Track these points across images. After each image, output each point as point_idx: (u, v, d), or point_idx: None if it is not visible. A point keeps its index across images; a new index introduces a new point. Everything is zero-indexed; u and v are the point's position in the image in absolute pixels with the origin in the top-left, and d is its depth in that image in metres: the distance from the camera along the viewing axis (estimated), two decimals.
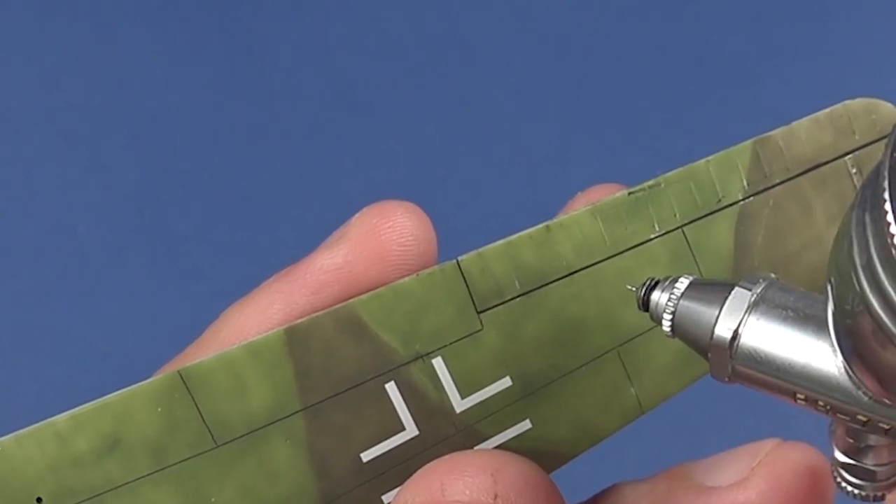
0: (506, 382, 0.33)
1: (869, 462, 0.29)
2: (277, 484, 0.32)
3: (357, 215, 0.33)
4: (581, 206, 0.33)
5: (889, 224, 0.22)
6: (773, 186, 0.34)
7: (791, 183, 0.34)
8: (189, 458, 0.31)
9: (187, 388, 0.31)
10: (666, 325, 0.29)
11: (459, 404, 0.32)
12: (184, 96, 0.95)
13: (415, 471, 0.31)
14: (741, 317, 0.27)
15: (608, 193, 0.33)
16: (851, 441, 0.29)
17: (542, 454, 0.33)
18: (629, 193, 0.33)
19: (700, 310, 0.28)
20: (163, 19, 0.97)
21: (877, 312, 0.23)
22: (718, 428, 0.73)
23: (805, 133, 0.34)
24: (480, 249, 0.32)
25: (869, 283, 0.23)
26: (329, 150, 0.92)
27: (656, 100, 0.94)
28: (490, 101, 0.94)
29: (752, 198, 0.34)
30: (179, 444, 0.31)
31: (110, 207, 0.91)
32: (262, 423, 0.32)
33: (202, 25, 0.97)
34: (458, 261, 0.32)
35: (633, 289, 0.30)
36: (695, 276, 0.29)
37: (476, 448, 0.33)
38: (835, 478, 0.30)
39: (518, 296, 0.32)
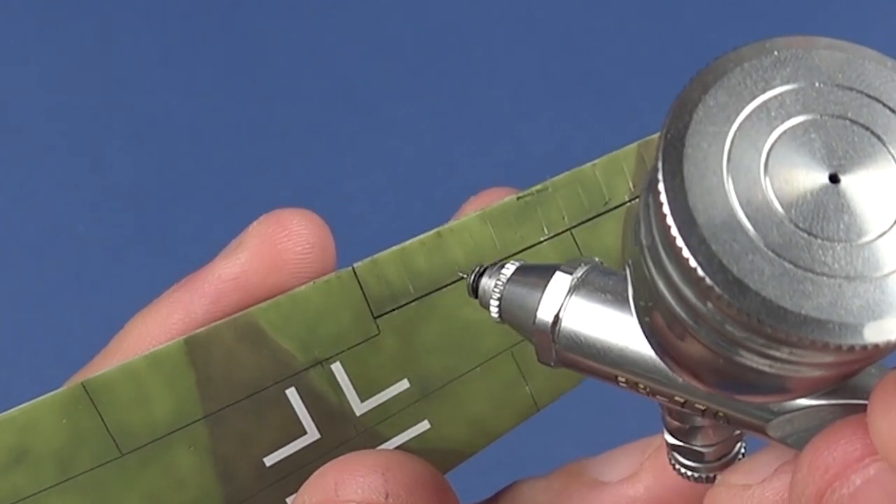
0: (404, 385, 0.33)
1: (697, 443, 0.29)
2: (183, 490, 0.32)
3: (254, 224, 0.34)
4: (472, 210, 0.33)
5: (661, 205, 0.21)
6: None
7: None
8: (95, 468, 0.32)
9: (91, 399, 0.32)
10: (493, 310, 0.28)
11: (359, 407, 0.33)
12: (184, 96, 0.95)
13: None
14: (562, 301, 0.27)
15: (498, 198, 0.33)
16: (678, 423, 0.29)
17: (441, 453, 0.34)
18: (518, 198, 0.33)
19: (524, 294, 0.27)
20: (163, 19, 0.98)
21: (666, 299, 0.23)
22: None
23: None
24: (375, 256, 0.32)
25: (655, 265, 0.23)
26: (329, 150, 0.92)
27: (656, 100, 0.93)
28: (489, 101, 0.94)
29: (638, 199, 0.34)
30: (85, 454, 0.32)
31: (110, 207, 0.91)
32: (165, 432, 0.32)
33: (202, 25, 0.98)
34: (353, 268, 0.33)
35: (464, 276, 0.30)
36: (523, 261, 0.29)
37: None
38: (670, 461, 0.30)
39: (413, 300, 0.33)
